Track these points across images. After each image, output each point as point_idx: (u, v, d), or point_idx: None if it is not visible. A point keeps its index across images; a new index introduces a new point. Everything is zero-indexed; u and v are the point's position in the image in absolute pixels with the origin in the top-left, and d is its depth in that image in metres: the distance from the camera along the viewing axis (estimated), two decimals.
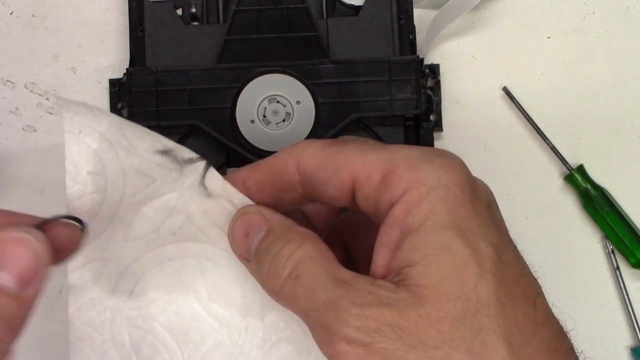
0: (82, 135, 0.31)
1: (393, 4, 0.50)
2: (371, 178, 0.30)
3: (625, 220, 0.52)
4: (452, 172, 0.30)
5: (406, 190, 0.29)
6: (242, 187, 0.33)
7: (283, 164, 0.32)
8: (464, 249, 0.28)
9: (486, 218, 0.30)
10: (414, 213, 0.29)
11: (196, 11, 0.51)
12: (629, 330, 0.52)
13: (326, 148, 0.32)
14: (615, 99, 0.54)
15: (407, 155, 0.30)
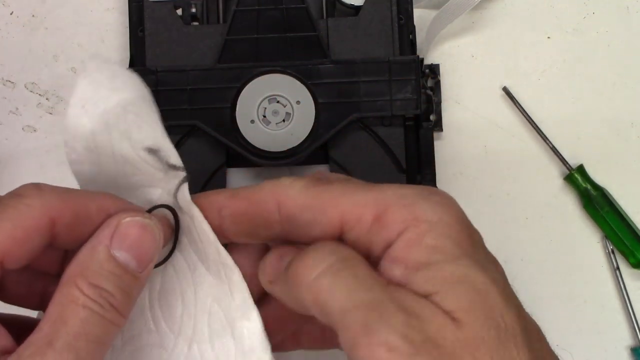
0: (83, 110, 0.31)
1: (393, 4, 0.50)
2: (362, 219, 0.29)
3: (625, 220, 0.52)
4: (449, 208, 0.29)
5: (404, 229, 0.28)
6: (216, 215, 0.32)
7: (263, 201, 0.31)
8: (484, 277, 0.28)
9: (489, 253, 0.30)
10: (418, 250, 0.28)
11: (196, 11, 0.51)
12: (629, 330, 0.52)
13: (310, 187, 0.30)
14: (615, 99, 0.54)
15: (400, 193, 0.29)
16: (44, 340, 0.28)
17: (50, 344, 0.28)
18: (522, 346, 0.27)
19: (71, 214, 0.30)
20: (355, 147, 0.50)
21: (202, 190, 0.49)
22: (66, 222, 0.30)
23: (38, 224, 0.29)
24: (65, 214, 0.30)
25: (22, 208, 0.29)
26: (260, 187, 0.31)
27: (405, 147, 0.50)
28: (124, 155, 0.31)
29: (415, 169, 0.50)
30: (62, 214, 0.30)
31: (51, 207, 0.29)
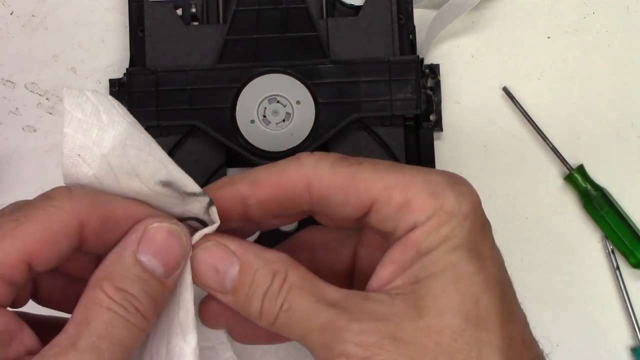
0: (80, 159, 0.30)
1: (393, 4, 0.50)
2: (392, 202, 0.30)
3: (625, 220, 0.52)
4: (470, 199, 0.31)
5: (430, 216, 0.30)
6: (241, 206, 0.32)
7: (291, 183, 0.31)
8: (471, 266, 0.29)
9: (493, 243, 0.31)
10: (432, 237, 0.30)
11: (196, 11, 0.51)
12: (629, 330, 0.52)
13: (341, 168, 0.31)
14: (615, 99, 0.54)
15: (428, 179, 0.31)
16: (68, 342, 0.28)
17: (74, 345, 0.28)
18: (494, 329, 0.29)
19: (100, 219, 0.30)
20: (355, 147, 0.50)
21: None
22: (95, 226, 0.30)
23: (67, 227, 0.29)
24: (94, 218, 0.30)
25: (51, 210, 0.29)
26: (284, 168, 0.31)
27: (405, 147, 0.50)
28: (136, 190, 0.31)
29: None
30: (91, 218, 0.30)
31: (80, 211, 0.29)
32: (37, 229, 0.29)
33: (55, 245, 0.29)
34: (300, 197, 0.31)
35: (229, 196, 0.32)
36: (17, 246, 0.29)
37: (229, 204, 0.32)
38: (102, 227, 0.30)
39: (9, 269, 0.29)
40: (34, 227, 0.29)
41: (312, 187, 0.31)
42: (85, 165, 0.29)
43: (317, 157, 0.31)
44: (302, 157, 0.32)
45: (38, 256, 0.29)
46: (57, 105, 0.53)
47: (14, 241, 0.29)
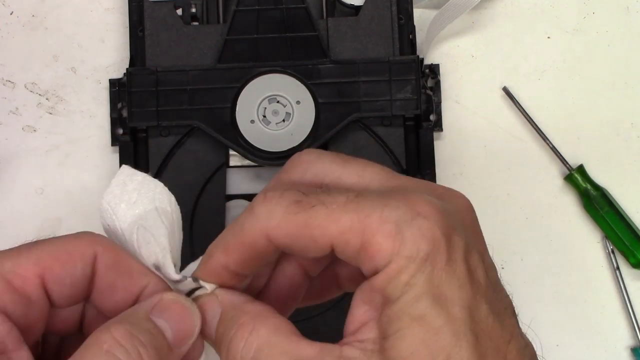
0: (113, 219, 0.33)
1: (393, 4, 0.50)
2: (349, 246, 0.29)
3: (625, 220, 0.52)
4: (430, 237, 0.29)
5: (388, 262, 0.29)
6: (227, 273, 0.32)
7: (253, 240, 0.31)
8: (437, 318, 0.28)
9: (462, 274, 0.29)
10: (393, 285, 0.29)
11: (196, 11, 0.51)
12: (629, 330, 0.52)
13: (293, 215, 0.30)
14: (615, 99, 0.54)
15: (384, 218, 0.29)
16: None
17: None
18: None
19: (114, 258, 0.31)
20: (355, 147, 0.50)
21: (202, 190, 0.49)
22: (108, 262, 0.31)
23: (82, 252, 0.30)
24: (109, 255, 0.31)
25: (70, 238, 0.31)
26: (242, 226, 0.31)
27: (405, 147, 0.50)
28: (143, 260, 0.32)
29: (415, 169, 0.50)
30: (106, 253, 0.31)
31: (97, 243, 0.31)
32: (53, 249, 0.30)
33: (69, 265, 0.30)
34: (266, 249, 0.31)
35: (212, 272, 0.32)
36: (32, 259, 0.30)
37: (217, 278, 0.32)
38: (114, 268, 0.31)
39: (21, 279, 0.29)
40: (51, 247, 0.31)
41: (271, 239, 0.30)
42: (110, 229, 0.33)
43: (270, 205, 0.30)
44: (254, 207, 0.31)
45: (52, 272, 0.30)
46: (57, 105, 0.53)
47: (29, 255, 0.30)
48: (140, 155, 0.50)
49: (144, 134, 0.50)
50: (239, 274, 0.32)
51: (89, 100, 0.53)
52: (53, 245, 0.31)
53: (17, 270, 0.29)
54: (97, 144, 0.53)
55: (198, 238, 0.49)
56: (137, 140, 0.50)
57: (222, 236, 0.32)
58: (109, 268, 0.31)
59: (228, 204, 0.50)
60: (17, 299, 0.29)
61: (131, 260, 0.32)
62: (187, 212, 0.49)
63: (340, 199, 0.30)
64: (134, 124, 0.49)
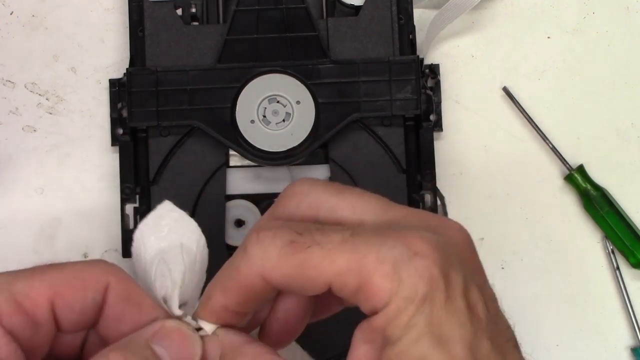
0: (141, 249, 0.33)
1: (393, 4, 0.50)
2: (347, 287, 0.29)
3: (625, 220, 0.52)
4: (428, 277, 0.29)
5: (387, 303, 0.29)
6: (226, 313, 0.32)
7: (249, 282, 0.30)
8: (439, 359, 0.28)
9: (462, 312, 0.29)
10: (393, 326, 0.29)
11: (196, 11, 0.51)
12: (629, 330, 0.52)
13: (288, 256, 0.30)
14: (615, 99, 0.54)
15: (381, 258, 0.29)
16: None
17: None
18: None
19: (124, 289, 0.31)
20: (355, 147, 0.50)
21: (202, 190, 0.49)
22: (119, 293, 0.31)
23: (95, 281, 0.31)
24: (121, 286, 0.31)
25: (85, 265, 0.31)
26: (238, 268, 0.31)
27: (405, 147, 0.50)
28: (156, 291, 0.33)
29: (415, 169, 0.50)
30: (118, 284, 0.31)
31: (109, 272, 0.31)
32: (67, 274, 0.31)
33: (81, 292, 0.30)
34: (264, 289, 0.31)
35: (212, 313, 0.32)
36: (45, 283, 0.30)
37: (217, 318, 0.32)
38: (124, 299, 0.31)
39: (31, 301, 0.29)
40: (65, 272, 0.31)
41: (268, 280, 0.30)
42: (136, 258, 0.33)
43: (264, 245, 0.30)
44: (248, 248, 0.30)
45: (63, 298, 0.30)
46: (57, 105, 0.53)
47: (42, 277, 0.30)
48: (140, 155, 0.50)
49: (144, 134, 0.50)
50: (239, 313, 0.32)
51: (89, 100, 0.53)
52: (67, 271, 0.31)
53: (28, 292, 0.29)
54: (97, 144, 0.53)
55: None
56: (137, 140, 0.50)
57: (219, 276, 0.32)
58: (119, 299, 0.31)
59: (228, 204, 0.50)
60: (25, 322, 0.29)
61: (142, 294, 0.32)
62: (187, 212, 0.49)
63: (336, 238, 0.29)
64: (134, 124, 0.49)
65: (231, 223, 0.50)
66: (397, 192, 0.49)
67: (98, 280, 0.31)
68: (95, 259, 0.33)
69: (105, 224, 0.52)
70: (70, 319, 0.31)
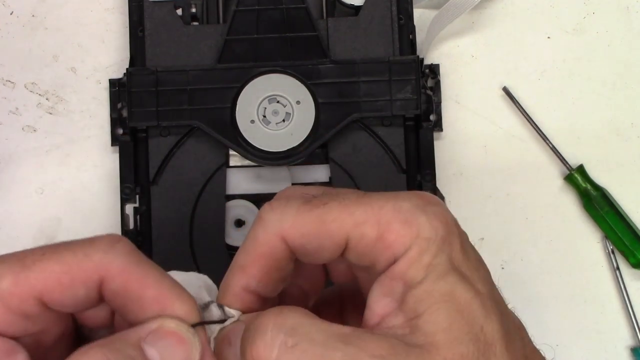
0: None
1: (393, 4, 0.50)
2: (365, 237, 0.30)
3: (625, 220, 0.52)
4: (445, 221, 0.30)
5: (409, 247, 0.29)
6: (248, 295, 0.31)
7: (269, 248, 0.30)
8: (467, 292, 0.29)
9: (475, 259, 0.31)
10: (415, 267, 0.29)
11: (196, 11, 0.51)
12: (629, 330, 0.52)
13: (307, 212, 0.30)
14: (615, 99, 0.54)
15: (398, 207, 0.30)
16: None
17: None
18: (501, 354, 0.29)
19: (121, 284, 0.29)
20: (355, 147, 0.50)
21: (202, 190, 0.49)
22: (114, 289, 0.29)
23: (86, 278, 0.29)
24: (116, 281, 0.29)
25: (79, 256, 0.29)
26: (255, 238, 0.30)
27: (405, 147, 0.50)
28: None
29: (415, 169, 0.50)
30: (113, 280, 0.29)
31: (106, 263, 0.29)
32: (55, 269, 0.29)
33: (70, 290, 0.29)
34: (284, 255, 0.30)
35: (233, 296, 0.31)
36: (30, 280, 0.28)
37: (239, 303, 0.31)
38: (122, 295, 0.29)
39: (17, 299, 0.28)
40: (54, 267, 0.29)
41: (287, 240, 0.30)
42: None
43: (279, 209, 0.30)
44: (263, 215, 0.30)
45: (50, 296, 0.29)
46: (57, 105, 0.53)
47: (28, 274, 0.28)
48: (140, 155, 0.50)
49: (144, 134, 0.50)
50: (260, 296, 0.31)
51: (89, 100, 0.53)
52: (56, 265, 0.29)
53: (13, 290, 0.28)
54: (97, 144, 0.53)
55: (198, 238, 0.49)
56: (137, 140, 0.50)
57: (236, 257, 0.31)
58: (116, 295, 0.29)
59: (228, 204, 0.50)
60: (14, 317, 0.28)
61: (144, 285, 0.29)
62: (187, 212, 0.49)
63: (351, 195, 0.30)
64: (134, 124, 0.49)
65: (231, 223, 0.50)
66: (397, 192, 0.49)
67: (90, 276, 0.29)
68: (98, 237, 0.29)
69: (105, 224, 0.52)
70: (66, 308, 0.29)
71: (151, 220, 0.49)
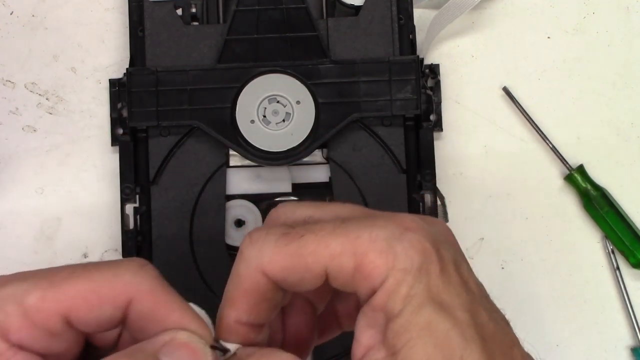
0: None
1: (393, 4, 0.50)
2: (343, 268, 0.30)
3: (625, 220, 0.52)
4: (421, 249, 0.29)
5: (385, 277, 0.29)
6: (242, 327, 0.31)
7: (252, 283, 0.31)
8: (444, 323, 0.29)
9: (457, 283, 0.30)
10: (393, 299, 0.29)
11: (196, 11, 0.51)
12: (629, 330, 0.52)
13: (283, 247, 0.30)
14: (615, 99, 0.54)
15: (374, 237, 0.29)
16: None
17: None
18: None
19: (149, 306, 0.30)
20: (355, 147, 0.50)
21: (202, 190, 0.49)
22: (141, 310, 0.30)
23: (115, 298, 0.29)
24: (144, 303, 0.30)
25: (108, 276, 0.29)
26: (238, 275, 0.31)
27: (405, 147, 0.50)
28: None
29: (415, 169, 0.50)
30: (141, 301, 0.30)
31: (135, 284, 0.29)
32: (85, 288, 0.29)
33: (97, 310, 0.29)
34: (267, 288, 0.31)
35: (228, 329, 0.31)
36: (59, 298, 0.29)
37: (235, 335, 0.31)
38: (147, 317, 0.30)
39: (43, 316, 0.29)
40: (83, 286, 0.29)
41: (268, 274, 0.30)
42: None
43: (258, 244, 0.30)
44: (243, 250, 0.31)
45: (77, 315, 0.29)
46: (57, 105, 0.53)
47: (57, 291, 0.29)
48: (140, 155, 0.50)
49: (144, 134, 0.50)
50: (254, 325, 0.31)
51: (89, 100, 0.53)
52: (85, 283, 0.29)
53: (40, 306, 0.28)
54: (97, 144, 0.53)
55: (198, 238, 0.49)
56: (137, 140, 0.50)
57: (225, 292, 0.32)
58: (141, 316, 0.30)
59: (228, 204, 0.50)
60: (38, 334, 0.29)
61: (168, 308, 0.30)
62: (187, 212, 0.49)
63: (328, 226, 0.30)
64: (134, 124, 0.49)
65: (231, 223, 0.50)
66: (397, 192, 0.49)
67: (118, 297, 0.29)
68: (126, 260, 0.30)
69: (105, 224, 0.52)
70: (88, 328, 0.30)
71: (151, 220, 0.49)
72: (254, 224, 0.50)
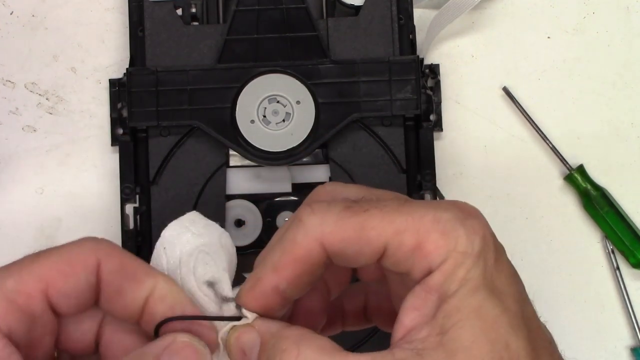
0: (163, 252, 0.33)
1: (393, 4, 0.50)
2: (403, 245, 0.30)
3: (625, 220, 0.52)
4: (482, 235, 0.30)
5: (445, 259, 0.29)
6: (275, 296, 0.31)
7: (307, 252, 0.30)
8: (494, 308, 0.29)
9: (509, 273, 0.31)
10: (450, 280, 0.29)
11: (196, 11, 0.51)
12: (629, 330, 0.52)
13: (347, 219, 0.30)
14: (615, 99, 0.54)
15: (437, 218, 0.30)
16: None
17: None
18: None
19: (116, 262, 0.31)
20: (355, 147, 0.50)
21: (202, 190, 0.49)
22: (111, 268, 0.31)
23: (84, 262, 0.30)
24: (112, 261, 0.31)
25: (72, 247, 0.31)
26: (293, 240, 0.31)
27: (405, 147, 0.50)
28: (189, 288, 0.32)
29: (415, 169, 0.50)
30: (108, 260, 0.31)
31: (98, 249, 0.31)
32: (55, 261, 0.30)
33: (73, 277, 0.30)
34: (321, 260, 0.31)
35: (261, 295, 0.31)
36: (34, 275, 0.30)
37: (263, 301, 0.32)
38: (119, 273, 0.31)
39: (25, 297, 0.29)
40: (53, 260, 0.30)
41: (326, 245, 0.30)
42: (164, 257, 0.33)
43: (320, 213, 0.31)
44: (303, 218, 0.31)
45: (56, 287, 0.30)
46: (57, 105, 0.53)
47: (31, 271, 0.30)
48: (140, 155, 0.50)
49: (144, 134, 0.50)
50: (285, 298, 0.31)
51: (89, 100, 0.53)
52: (54, 257, 0.30)
53: (20, 288, 0.29)
54: (97, 144, 0.53)
55: None
56: (137, 140, 0.50)
57: (268, 256, 0.31)
58: (113, 274, 0.31)
59: (228, 204, 0.50)
60: (22, 318, 0.29)
61: (135, 263, 0.31)
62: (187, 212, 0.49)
63: (393, 203, 0.31)
64: (134, 124, 0.49)
65: (231, 223, 0.50)
66: (397, 192, 0.49)
67: (87, 260, 0.30)
68: (83, 238, 0.32)
69: (105, 224, 0.52)
70: (68, 303, 0.30)
71: (151, 220, 0.49)
72: (254, 224, 0.50)
